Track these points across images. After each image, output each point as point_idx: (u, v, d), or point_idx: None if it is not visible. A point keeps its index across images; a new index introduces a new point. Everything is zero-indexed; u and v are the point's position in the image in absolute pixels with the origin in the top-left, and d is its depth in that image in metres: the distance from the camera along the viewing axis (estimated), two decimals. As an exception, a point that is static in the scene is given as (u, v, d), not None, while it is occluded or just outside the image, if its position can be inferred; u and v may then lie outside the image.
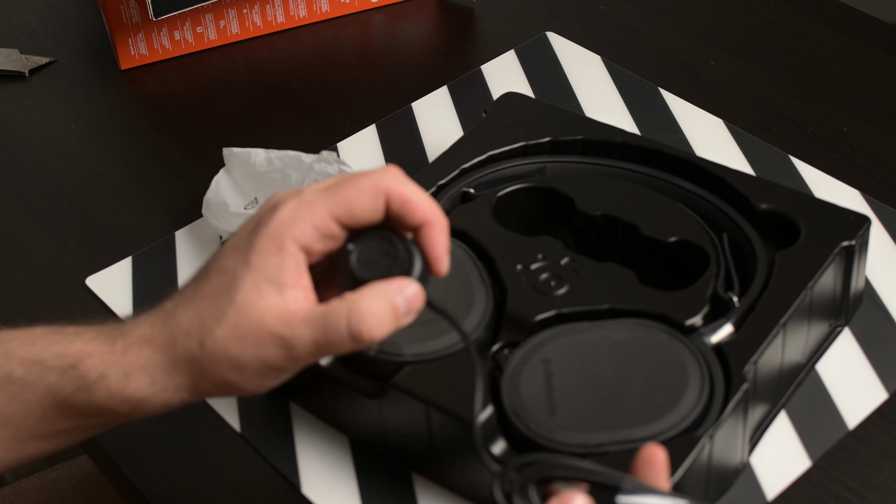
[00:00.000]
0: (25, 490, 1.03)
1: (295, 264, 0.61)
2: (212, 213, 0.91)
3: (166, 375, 0.61)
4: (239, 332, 0.60)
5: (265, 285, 0.60)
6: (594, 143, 0.88)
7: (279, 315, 0.60)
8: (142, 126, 1.07)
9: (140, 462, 0.77)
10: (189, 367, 0.61)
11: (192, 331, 0.60)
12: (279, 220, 0.61)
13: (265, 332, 0.59)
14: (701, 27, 1.13)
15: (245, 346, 0.60)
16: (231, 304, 0.60)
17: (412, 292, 0.61)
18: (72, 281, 0.91)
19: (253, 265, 0.60)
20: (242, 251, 0.61)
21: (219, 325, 0.60)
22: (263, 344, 0.60)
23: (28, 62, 1.13)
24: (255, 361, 0.60)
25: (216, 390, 0.61)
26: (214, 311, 0.60)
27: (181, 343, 0.60)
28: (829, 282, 0.78)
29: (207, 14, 1.12)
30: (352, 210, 0.62)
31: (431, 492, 0.73)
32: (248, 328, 0.59)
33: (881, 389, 0.78)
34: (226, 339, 0.60)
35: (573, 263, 0.78)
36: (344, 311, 0.60)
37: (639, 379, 0.70)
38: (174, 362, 0.61)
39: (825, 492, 0.72)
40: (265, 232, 0.61)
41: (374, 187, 0.62)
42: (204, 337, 0.60)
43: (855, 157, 0.96)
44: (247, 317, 0.60)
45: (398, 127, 1.02)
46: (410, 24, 1.16)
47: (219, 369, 0.60)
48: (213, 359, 0.60)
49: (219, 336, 0.60)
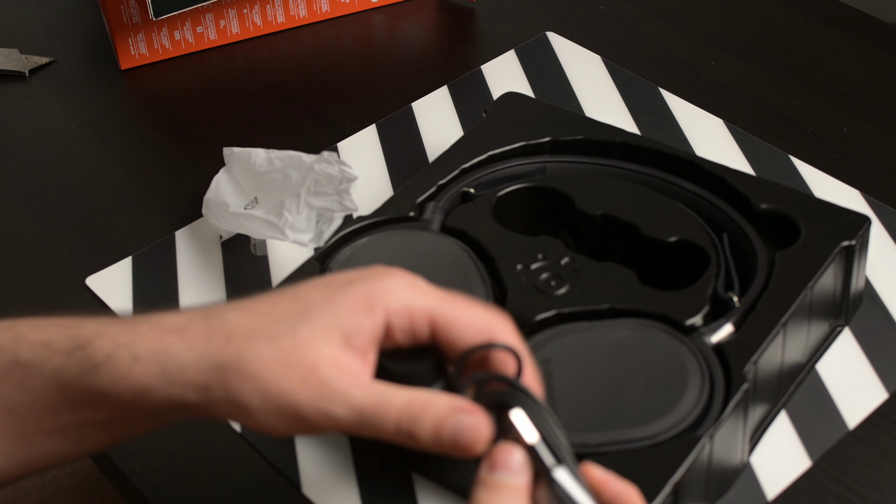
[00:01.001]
0: (27, 488, 1.03)
1: (373, 333, 0.57)
2: (212, 213, 0.91)
3: (181, 369, 0.56)
4: (286, 362, 0.55)
5: (336, 335, 0.56)
6: (594, 143, 0.88)
7: (339, 369, 0.55)
8: (142, 126, 1.07)
9: (140, 462, 0.77)
10: (212, 370, 0.56)
11: (237, 337, 0.56)
12: (384, 286, 0.57)
13: (314, 376, 0.55)
14: (701, 27, 1.13)
15: (284, 378, 0.55)
16: (291, 333, 0.56)
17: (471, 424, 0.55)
18: (72, 281, 0.91)
19: (335, 309, 0.56)
20: (332, 292, 0.57)
21: (268, 345, 0.55)
22: (307, 385, 0.55)
23: (28, 62, 1.13)
24: (286, 398, 0.55)
25: (224, 408, 0.56)
26: (270, 331, 0.56)
27: (216, 343, 0.56)
28: (830, 282, 0.78)
29: (207, 14, 1.12)
30: (452, 331, 0.58)
31: (431, 492, 0.73)
32: (299, 364, 0.55)
33: (881, 389, 0.78)
34: (268, 361, 0.55)
35: (573, 263, 0.78)
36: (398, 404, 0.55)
37: (639, 379, 0.70)
38: (198, 358, 0.56)
39: (825, 492, 0.72)
40: (365, 288, 0.57)
41: (487, 328, 0.58)
42: (245, 348, 0.55)
43: (855, 157, 0.96)
44: (301, 353, 0.55)
45: (398, 127, 1.02)
46: (410, 24, 1.16)
47: (242, 386, 0.55)
48: (243, 373, 0.55)
49: (263, 354, 0.55)
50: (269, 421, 0.56)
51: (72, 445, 0.61)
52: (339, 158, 0.88)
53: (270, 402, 0.55)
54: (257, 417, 0.56)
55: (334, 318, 0.56)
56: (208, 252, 0.91)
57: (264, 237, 0.87)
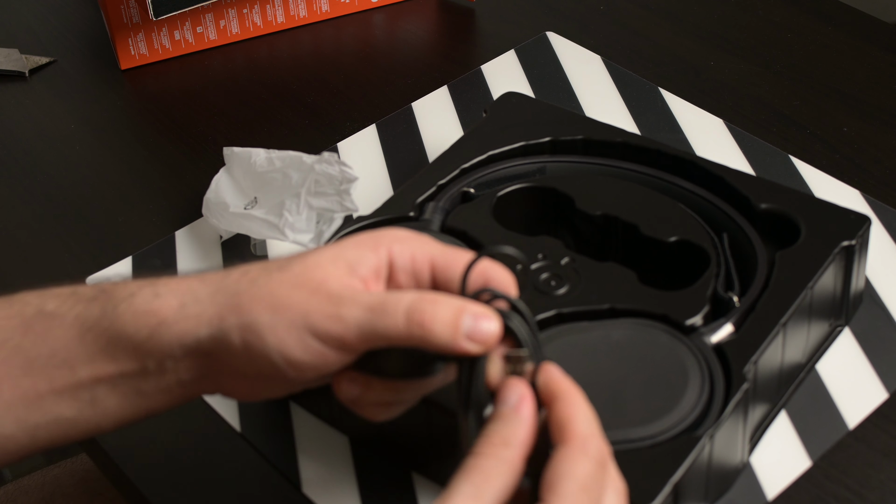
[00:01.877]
0: (28, 487, 1.03)
1: (377, 265, 0.60)
2: (212, 213, 0.91)
3: (197, 303, 0.59)
4: (296, 282, 0.58)
5: (342, 263, 0.59)
6: (594, 143, 0.88)
7: (344, 283, 0.58)
8: (142, 126, 1.07)
9: (139, 462, 0.77)
10: (226, 299, 0.58)
11: (251, 271, 0.59)
12: (391, 231, 0.61)
13: (323, 288, 0.57)
14: (701, 27, 1.13)
15: (294, 292, 0.57)
16: (301, 261, 0.59)
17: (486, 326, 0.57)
18: (72, 281, 0.90)
19: (343, 246, 0.60)
20: (341, 243, 0.61)
21: (279, 272, 0.58)
22: (317, 296, 0.57)
23: (28, 62, 1.13)
24: (297, 309, 0.57)
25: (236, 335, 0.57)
26: (280, 263, 0.59)
27: (232, 277, 0.59)
28: (830, 282, 0.78)
29: (207, 14, 1.12)
30: (449, 272, 0.60)
31: (431, 492, 0.73)
32: (308, 282, 0.57)
33: (881, 389, 0.78)
34: (279, 282, 0.58)
35: (573, 263, 0.78)
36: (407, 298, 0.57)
37: (639, 379, 0.70)
38: (214, 291, 0.59)
39: (825, 492, 0.72)
40: (372, 234, 0.61)
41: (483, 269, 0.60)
42: (259, 276, 0.58)
43: (855, 157, 0.96)
44: (311, 272, 0.58)
45: (398, 127, 1.02)
46: (410, 24, 1.16)
47: (254, 306, 0.57)
48: (256, 296, 0.58)
49: (274, 278, 0.58)
50: (280, 338, 0.57)
51: (81, 410, 0.61)
52: (340, 159, 0.88)
53: (281, 316, 0.57)
54: (268, 337, 0.57)
55: (341, 250, 0.59)
56: (208, 252, 0.91)
57: (264, 237, 0.87)
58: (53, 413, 0.61)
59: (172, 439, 0.79)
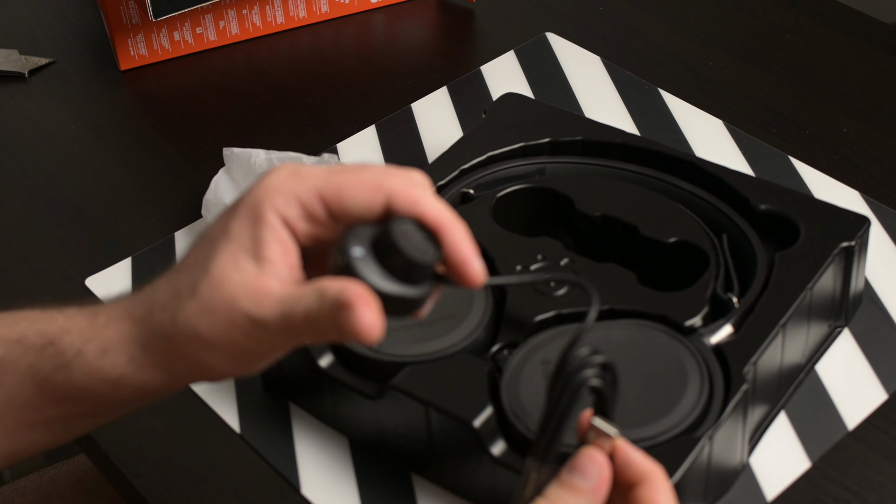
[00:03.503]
0: (25, 488, 1.03)
1: (276, 237, 0.55)
2: (211, 214, 0.91)
3: (143, 352, 0.57)
4: (209, 307, 0.55)
5: (244, 257, 0.55)
6: (594, 144, 0.88)
7: (253, 293, 0.54)
8: (141, 126, 1.07)
9: (139, 462, 0.77)
10: (163, 344, 0.56)
11: (168, 304, 0.56)
12: (264, 187, 0.56)
13: (236, 311, 0.54)
14: (701, 27, 1.13)
15: (215, 324, 0.55)
16: (205, 276, 0.55)
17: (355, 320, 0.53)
18: (72, 281, 0.91)
19: (232, 234, 0.55)
20: (226, 217, 0.56)
21: (191, 299, 0.55)
22: (234, 324, 0.54)
23: (28, 62, 1.13)
24: (226, 342, 0.55)
25: (192, 373, 0.57)
26: (189, 283, 0.56)
27: (157, 317, 0.56)
28: (829, 282, 0.78)
29: (207, 14, 1.12)
30: (342, 197, 0.56)
31: (431, 492, 0.73)
32: (220, 304, 0.55)
33: (881, 390, 0.78)
34: (197, 315, 0.55)
35: (573, 264, 0.78)
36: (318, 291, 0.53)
37: (638, 379, 0.70)
38: (150, 337, 0.56)
39: (825, 492, 0.72)
40: (248, 199, 0.56)
41: (376, 183, 0.56)
42: (176, 311, 0.55)
43: (855, 158, 0.96)
44: (219, 291, 0.55)
45: (398, 127, 1.02)
46: (410, 25, 1.16)
47: (190, 347, 0.56)
48: (184, 336, 0.55)
49: (190, 311, 0.55)
50: (230, 367, 0.56)
51: (56, 436, 0.61)
52: (340, 160, 0.88)
53: (218, 351, 0.55)
54: (219, 370, 0.56)
55: (234, 244, 0.55)
56: (208, 253, 0.91)
57: (264, 238, 0.87)
58: (27, 440, 0.61)
59: (172, 439, 0.79)
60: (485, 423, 0.68)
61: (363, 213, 0.56)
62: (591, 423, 0.56)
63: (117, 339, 0.57)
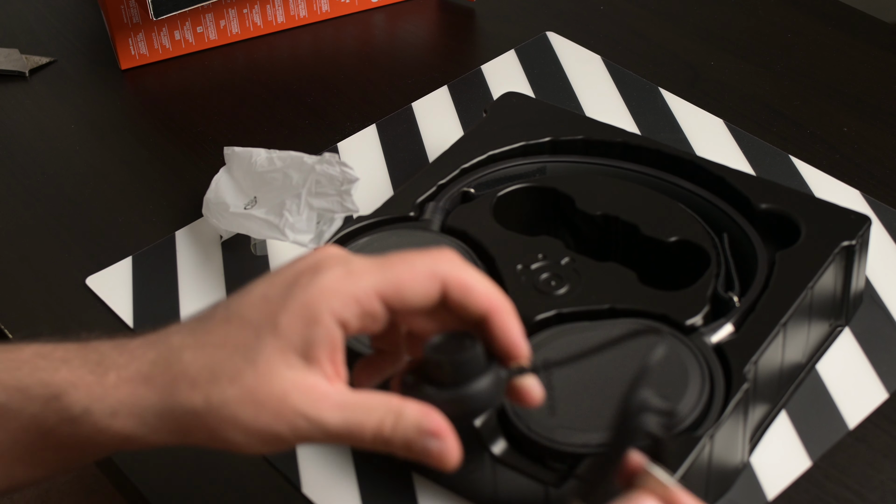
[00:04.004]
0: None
1: (329, 340, 0.55)
2: (212, 213, 0.91)
3: (159, 420, 0.56)
4: (256, 399, 0.54)
5: (293, 356, 0.55)
6: (594, 143, 0.88)
7: (307, 394, 0.54)
8: (142, 126, 1.07)
9: (138, 462, 0.77)
10: (187, 418, 0.55)
11: (200, 382, 0.55)
12: (320, 288, 0.55)
13: (288, 408, 0.54)
14: (701, 27, 1.13)
15: (260, 415, 0.54)
16: (250, 366, 0.55)
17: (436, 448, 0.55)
18: (72, 281, 0.91)
19: (282, 330, 0.55)
20: (272, 308, 0.55)
21: (232, 385, 0.55)
22: (284, 418, 0.54)
23: (28, 62, 1.13)
24: (267, 432, 0.55)
25: (211, 443, 0.56)
26: (229, 368, 0.55)
27: (184, 392, 0.55)
28: (830, 282, 0.78)
29: (207, 14, 1.12)
30: (402, 292, 0.56)
31: (431, 492, 0.73)
32: (269, 398, 0.54)
33: (881, 389, 0.78)
34: (239, 402, 0.54)
35: (573, 263, 0.78)
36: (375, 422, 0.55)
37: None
38: (171, 408, 0.56)
39: (825, 492, 0.72)
40: (302, 296, 0.55)
41: (430, 272, 0.56)
42: (211, 393, 0.55)
43: (855, 157, 0.96)
44: (268, 386, 0.54)
45: (398, 127, 1.02)
46: (410, 24, 1.16)
47: (223, 427, 0.55)
48: (218, 417, 0.55)
49: (230, 396, 0.54)
50: (255, 449, 0.56)
51: (55, 472, 0.61)
52: (341, 160, 0.88)
53: (254, 437, 0.55)
54: (244, 449, 0.56)
55: (284, 340, 0.55)
56: (208, 252, 0.91)
57: (264, 237, 0.87)
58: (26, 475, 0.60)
59: (172, 439, 0.79)
60: (485, 422, 0.68)
61: (423, 305, 0.57)
62: (644, 469, 0.54)
63: (130, 403, 0.56)
